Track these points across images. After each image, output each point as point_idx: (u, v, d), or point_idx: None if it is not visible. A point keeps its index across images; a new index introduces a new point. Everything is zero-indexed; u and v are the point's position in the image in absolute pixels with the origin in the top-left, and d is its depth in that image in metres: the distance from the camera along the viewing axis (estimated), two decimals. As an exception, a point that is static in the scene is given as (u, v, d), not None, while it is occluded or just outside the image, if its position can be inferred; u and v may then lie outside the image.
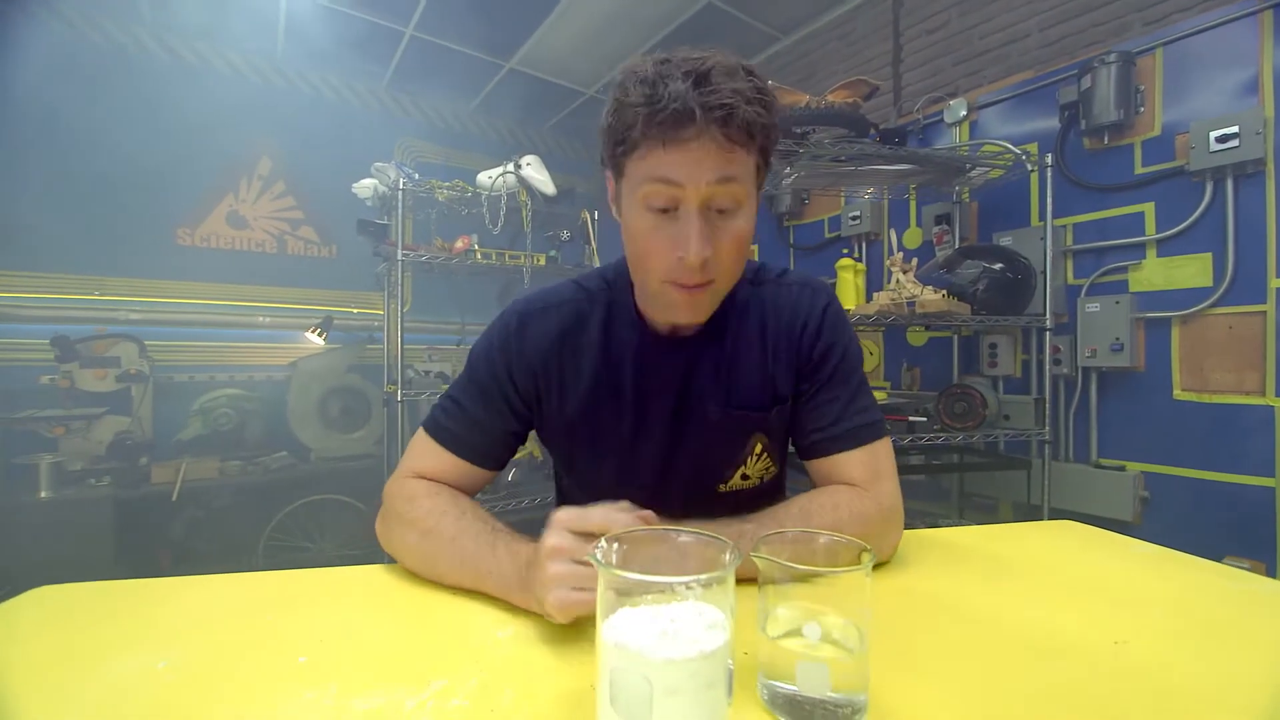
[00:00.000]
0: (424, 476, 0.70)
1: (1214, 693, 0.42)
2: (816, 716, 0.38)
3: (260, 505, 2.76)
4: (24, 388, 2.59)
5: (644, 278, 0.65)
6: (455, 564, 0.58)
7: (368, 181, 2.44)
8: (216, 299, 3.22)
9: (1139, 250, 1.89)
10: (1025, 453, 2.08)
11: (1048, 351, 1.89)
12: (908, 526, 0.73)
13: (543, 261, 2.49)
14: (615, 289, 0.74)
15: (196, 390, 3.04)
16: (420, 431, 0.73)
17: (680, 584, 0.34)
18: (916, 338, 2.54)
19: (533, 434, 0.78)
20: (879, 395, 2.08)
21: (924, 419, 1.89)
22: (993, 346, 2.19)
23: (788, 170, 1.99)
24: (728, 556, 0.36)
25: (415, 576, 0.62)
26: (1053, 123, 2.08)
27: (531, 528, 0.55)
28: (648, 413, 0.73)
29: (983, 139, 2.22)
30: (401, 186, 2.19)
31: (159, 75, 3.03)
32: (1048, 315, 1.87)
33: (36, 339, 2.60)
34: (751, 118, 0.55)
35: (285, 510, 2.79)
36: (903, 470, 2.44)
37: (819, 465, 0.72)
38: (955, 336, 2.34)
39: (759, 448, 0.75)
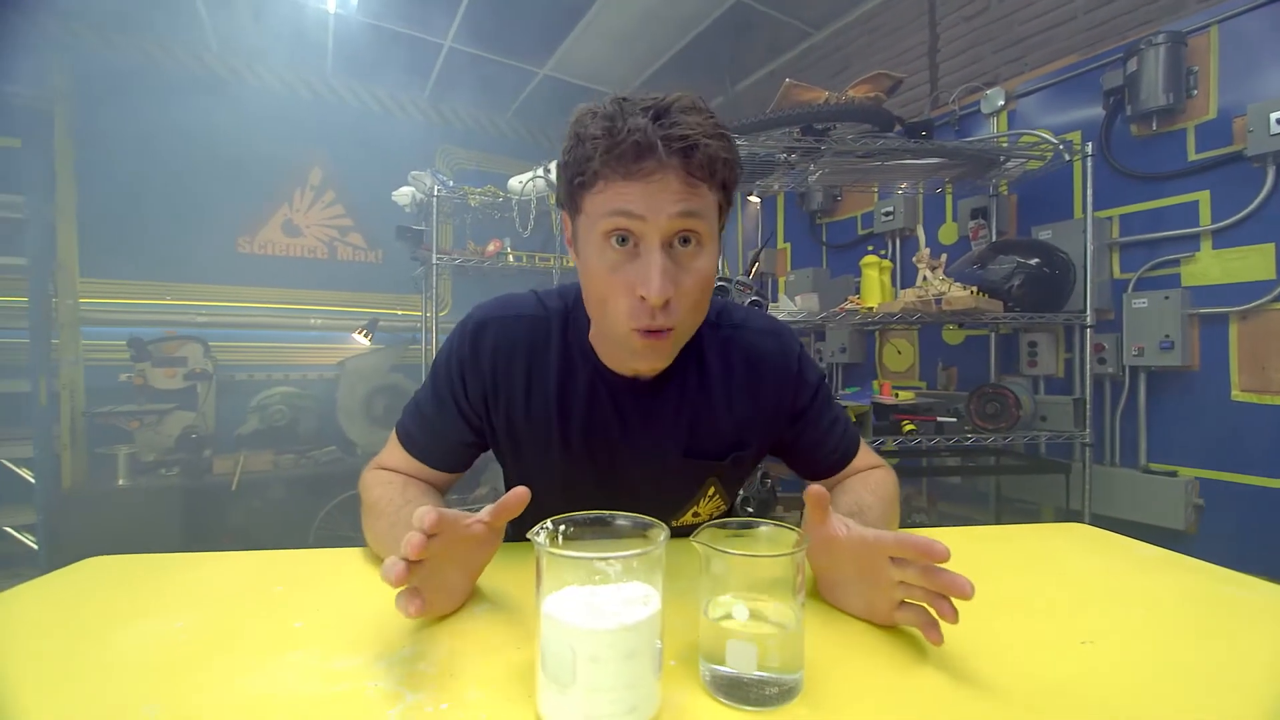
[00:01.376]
0: (386, 469, 0.73)
1: (1170, 693, 0.41)
2: (751, 695, 0.39)
3: (311, 496, 2.93)
4: (106, 385, 2.84)
5: (605, 323, 0.63)
6: (389, 544, 0.61)
7: (405, 189, 2.56)
8: (273, 302, 3.44)
9: (1192, 242, 1.78)
10: (1068, 456, 1.98)
11: (1089, 350, 1.80)
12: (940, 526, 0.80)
13: (572, 263, 2.54)
14: (573, 315, 0.71)
15: (254, 388, 3.25)
16: (394, 430, 0.75)
17: (601, 560, 0.36)
18: (952, 336, 2.46)
19: None
20: (906, 395, 2.02)
21: (954, 420, 1.83)
22: (1032, 345, 2.10)
23: (811, 168, 1.97)
24: (658, 538, 0.38)
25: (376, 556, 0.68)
26: (1097, 110, 1.97)
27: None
28: (598, 453, 0.71)
29: (1022, 129, 2.13)
30: (436, 193, 2.29)
31: (223, 96, 3.27)
32: (1088, 312, 1.78)
33: (115, 340, 2.85)
34: (714, 153, 0.55)
35: (334, 501, 2.95)
36: (931, 472, 2.36)
37: (841, 474, 0.78)
38: (992, 335, 2.26)
39: (711, 490, 0.75)
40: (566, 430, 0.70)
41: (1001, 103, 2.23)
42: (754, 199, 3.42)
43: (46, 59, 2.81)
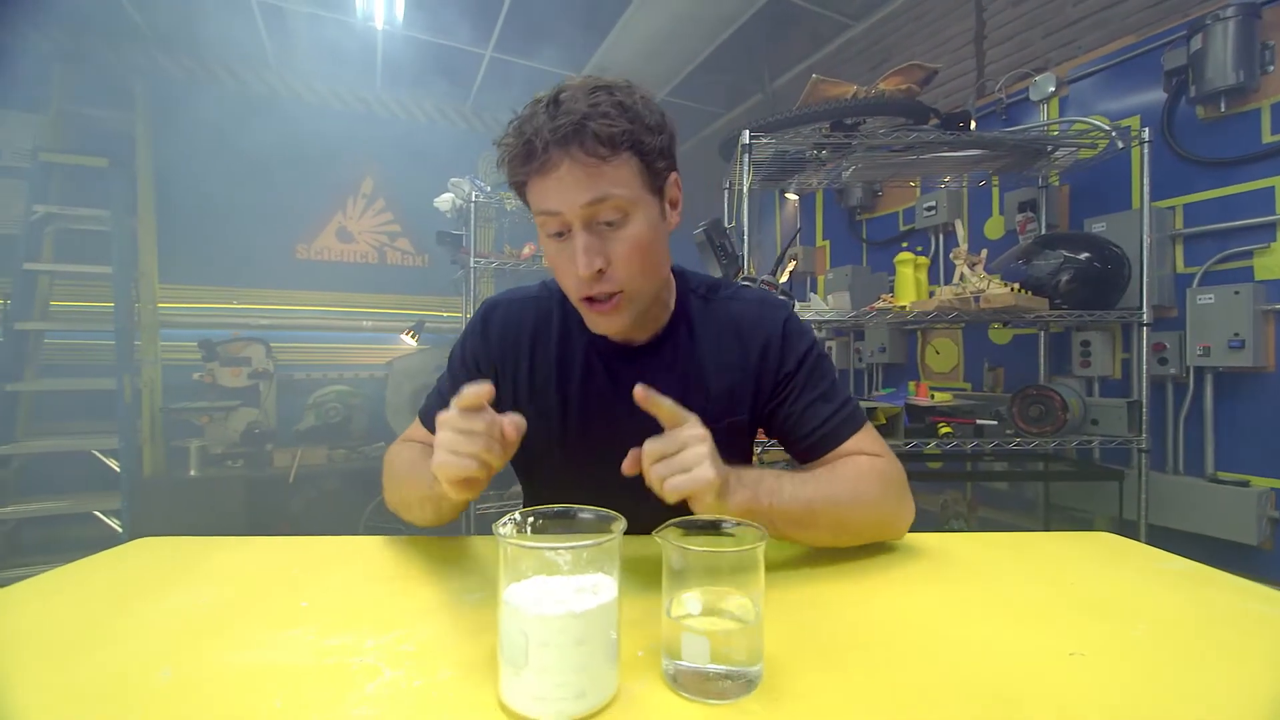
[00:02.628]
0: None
1: (1146, 712, 0.39)
2: (706, 688, 0.40)
3: (362, 489, 3.09)
4: (180, 383, 3.09)
5: (568, 299, 0.70)
6: (411, 483, 0.67)
7: (446, 196, 2.66)
8: (327, 305, 3.64)
9: (1267, 232, 1.64)
10: (1125, 463, 1.86)
11: (1145, 350, 1.68)
12: (980, 531, 0.74)
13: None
14: None
15: (311, 386, 3.45)
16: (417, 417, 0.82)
17: (552, 550, 0.38)
18: (999, 336, 2.35)
19: None
20: (944, 397, 1.94)
21: (994, 422, 1.75)
22: (1085, 344, 1.98)
23: (844, 164, 1.92)
24: (613, 531, 0.40)
25: (408, 548, 0.71)
26: (1157, 93, 1.84)
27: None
28: (595, 419, 0.74)
29: (1075, 116, 2.02)
30: (473, 199, 2.37)
31: (282, 112, 3.49)
32: (1144, 309, 1.67)
33: (188, 342, 3.09)
34: (605, 130, 0.57)
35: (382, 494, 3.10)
36: (976, 477, 2.26)
37: (828, 458, 0.72)
38: (1041, 334, 2.14)
39: None
40: (566, 396, 0.74)
41: (1052, 89, 2.12)
42: (791, 196, 3.36)
43: (129, 84, 3.08)
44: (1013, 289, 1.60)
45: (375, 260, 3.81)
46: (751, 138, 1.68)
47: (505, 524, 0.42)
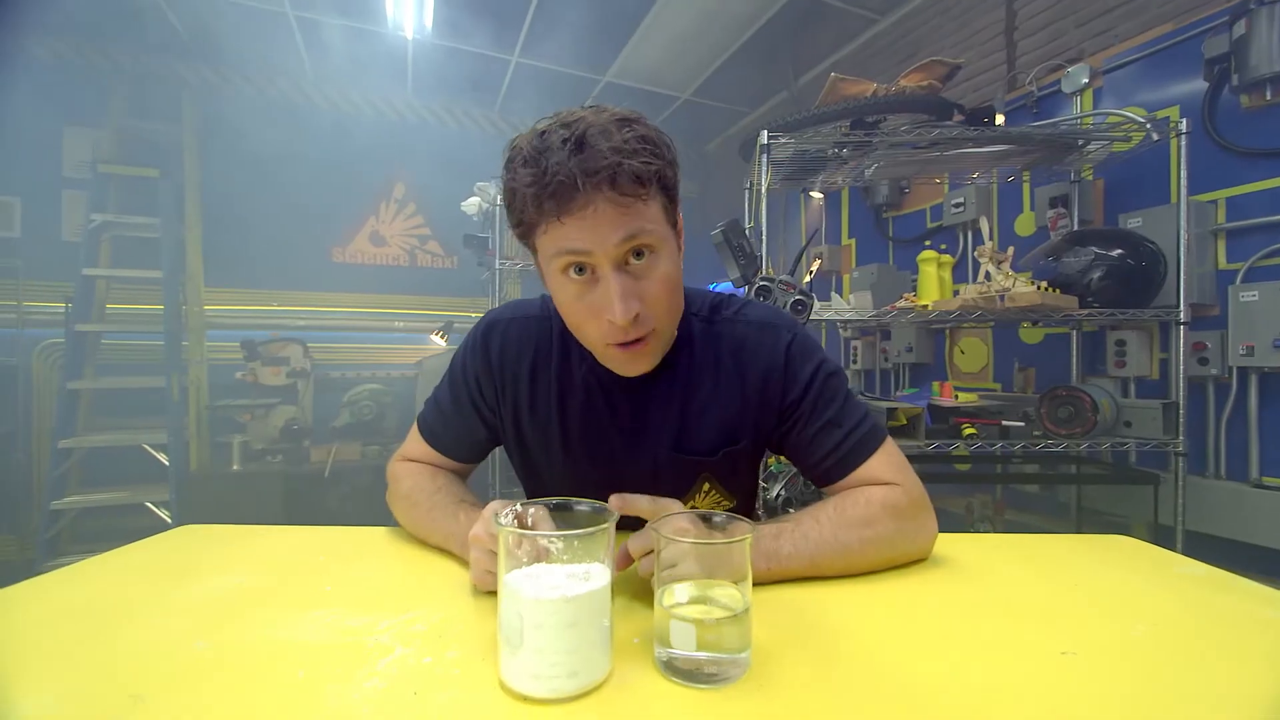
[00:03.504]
0: (412, 460, 0.79)
1: (1137, 708, 0.40)
2: (693, 674, 0.42)
3: (392, 485, 3.18)
4: (224, 381, 3.24)
5: (585, 343, 0.65)
6: (429, 528, 0.69)
7: (473, 200, 2.73)
8: (361, 307, 3.77)
9: (1317, 225, 1.56)
10: (1164, 466, 1.79)
11: (1181, 349, 1.62)
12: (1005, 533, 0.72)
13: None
14: None
15: (346, 385, 3.58)
16: (415, 422, 0.80)
17: (545, 539, 0.40)
18: (1030, 335, 2.29)
19: None
20: (969, 397, 1.91)
21: (1021, 424, 1.71)
22: (1120, 344, 1.92)
23: (867, 161, 1.91)
24: (603, 522, 0.42)
25: (411, 535, 0.75)
26: (1197, 82, 1.77)
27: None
28: (595, 449, 0.73)
29: (1109, 108, 1.95)
30: (498, 203, 2.42)
31: (319, 121, 3.62)
32: (1181, 307, 1.61)
33: (231, 342, 3.23)
34: (638, 169, 0.55)
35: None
36: (998, 478, 2.21)
37: (843, 484, 0.70)
38: (1074, 333, 2.08)
39: (706, 486, 0.74)
40: (566, 426, 0.73)
41: (1085, 80, 2.05)
42: (816, 195, 3.33)
43: (178, 98, 3.24)
44: (1040, 287, 1.56)
45: (406, 263, 3.93)
46: (770, 138, 1.68)
47: (507, 515, 0.44)
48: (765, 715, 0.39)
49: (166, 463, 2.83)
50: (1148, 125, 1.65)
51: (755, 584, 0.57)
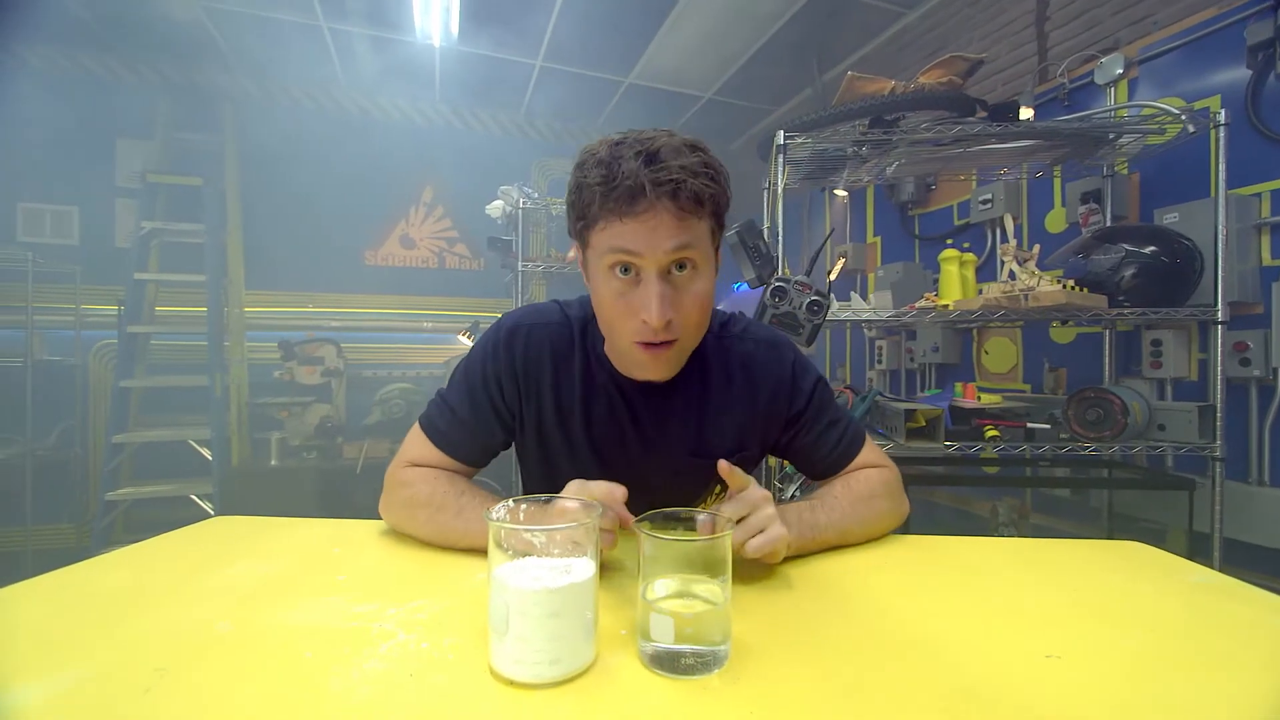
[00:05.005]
0: (419, 465, 0.77)
1: (1115, 713, 0.40)
2: (672, 664, 0.44)
3: (421, 481, 3.27)
4: (263, 380, 3.38)
5: (613, 339, 0.71)
6: (461, 531, 0.68)
7: (496, 203, 2.78)
8: (392, 308, 3.88)
9: (1369, 219, 1.48)
10: (1202, 471, 1.72)
11: (1220, 349, 1.56)
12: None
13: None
14: (591, 325, 0.76)
15: (377, 384, 3.69)
16: (416, 425, 0.79)
17: (527, 532, 0.43)
18: (1061, 335, 2.22)
19: None
20: (992, 399, 1.86)
21: (1047, 426, 1.67)
22: (1155, 344, 1.85)
23: (888, 160, 1.88)
24: (587, 518, 0.44)
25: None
26: (1239, 70, 1.70)
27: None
28: (615, 453, 0.77)
29: (1144, 99, 1.88)
30: (521, 205, 2.47)
31: (350, 128, 3.75)
32: (1219, 305, 1.54)
33: (269, 343, 3.37)
34: (698, 189, 0.61)
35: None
36: (1026, 481, 2.14)
37: (841, 475, 0.81)
38: (1107, 333, 2.01)
39: (718, 489, 0.81)
40: (589, 431, 0.77)
41: (1120, 70, 1.98)
42: (840, 193, 3.29)
43: (220, 110, 3.40)
44: (1066, 286, 1.52)
45: (435, 265, 4.03)
46: (786, 138, 1.68)
47: (499, 510, 0.47)
48: (742, 706, 0.40)
49: (210, 458, 2.97)
50: (1183, 117, 1.58)
51: (800, 555, 0.67)
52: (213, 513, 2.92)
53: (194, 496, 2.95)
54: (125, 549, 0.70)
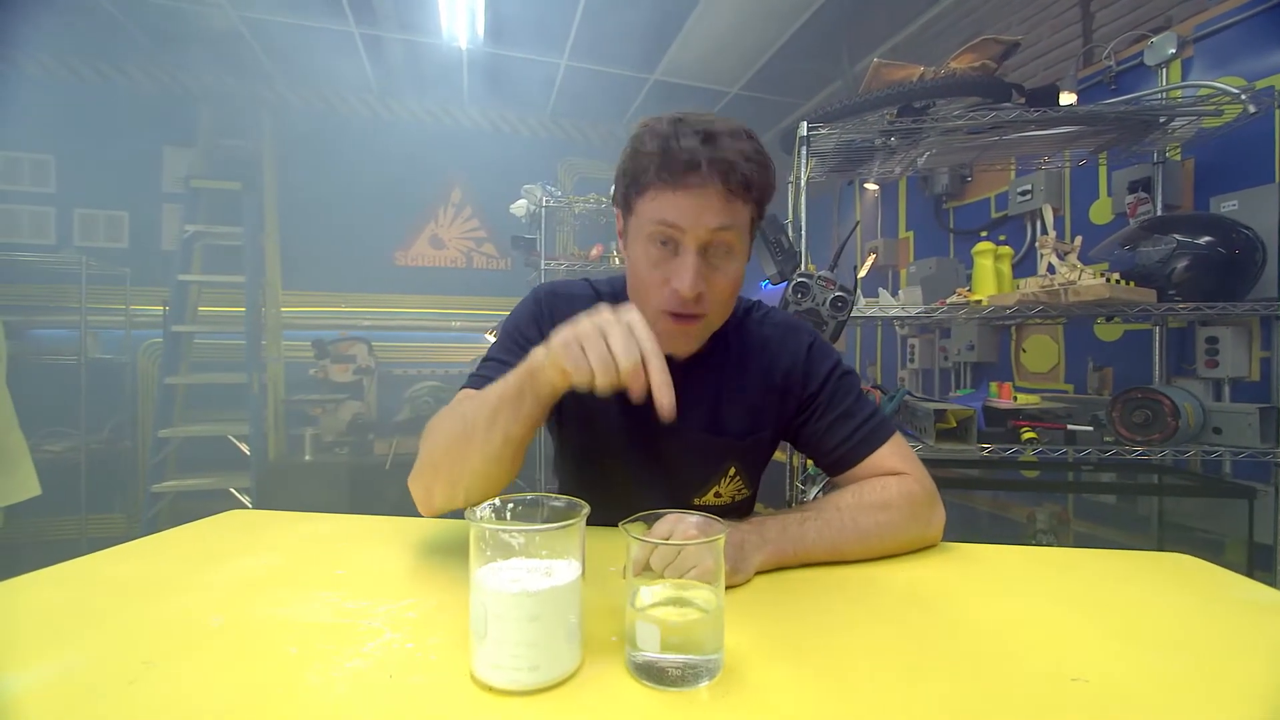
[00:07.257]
0: None
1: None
2: (659, 675, 0.42)
3: (448, 478, 3.32)
4: (298, 378, 3.49)
5: (642, 308, 0.65)
6: (494, 406, 0.59)
7: (520, 202, 2.80)
8: (421, 308, 3.95)
9: None
10: (1264, 478, 1.60)
11: (1284, 347, 1.44)
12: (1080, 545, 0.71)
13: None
14: (620, 301, 0.74)
15: (407, 382, 3.76)
16: (462, 391, 0.73)
17: (505, 533, 0.41)
18: (1107, 332, 2.10)
19: None
20: (1029, 399, 1.77)
21: (1090, 429, 1.57)
22: (1211, 341, 1.73)
23: (918, 150, 1.81)
24: (572, 519, 0.42)
25: (440, 529, 0.77)
26: (1307, 44, 1.57)
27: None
28: (635, 425, 0.77)
29: (1199, 79, 1.76)
30: (544, 204, 2.48)
31: (382, 131, 3.83)
32: (1283, 299, 1.43)
33: (304, 341, 3.47)
34: (749, 173, 0.63)
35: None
36: (1067, 487, 2.04)
37: (854, 472, 0.76)
38: (1157, 329, 1.89)
39: (731, 470, 0.80)
40: (611, 401, 0.75)
41: (1172, 50, 1.86)
42: (871, 186, 3.20)
43: (258, 116, 3.52)
44: (1110, 279, 1.43)
45: (463, 265, 4.08)
46: (810, 129, 1.63)
47: (483, 509, 0.45)
48: (726, 721, 0.38)
49: (248, 452, 3.08)
50: (1243, 97, 1.47)
51: (782, 568, 0.63)
52: (249, 505, 3.03)
53: (233, 490, 3.06)
54: (134, 542, 0.71)
